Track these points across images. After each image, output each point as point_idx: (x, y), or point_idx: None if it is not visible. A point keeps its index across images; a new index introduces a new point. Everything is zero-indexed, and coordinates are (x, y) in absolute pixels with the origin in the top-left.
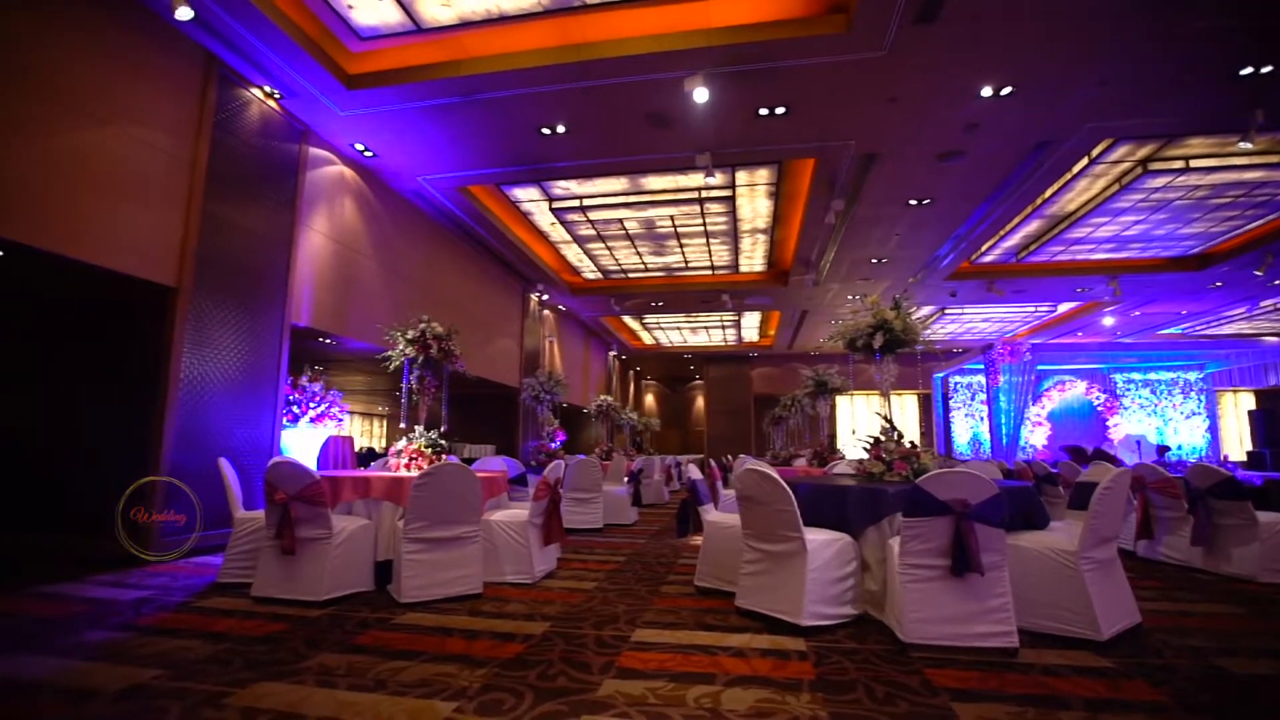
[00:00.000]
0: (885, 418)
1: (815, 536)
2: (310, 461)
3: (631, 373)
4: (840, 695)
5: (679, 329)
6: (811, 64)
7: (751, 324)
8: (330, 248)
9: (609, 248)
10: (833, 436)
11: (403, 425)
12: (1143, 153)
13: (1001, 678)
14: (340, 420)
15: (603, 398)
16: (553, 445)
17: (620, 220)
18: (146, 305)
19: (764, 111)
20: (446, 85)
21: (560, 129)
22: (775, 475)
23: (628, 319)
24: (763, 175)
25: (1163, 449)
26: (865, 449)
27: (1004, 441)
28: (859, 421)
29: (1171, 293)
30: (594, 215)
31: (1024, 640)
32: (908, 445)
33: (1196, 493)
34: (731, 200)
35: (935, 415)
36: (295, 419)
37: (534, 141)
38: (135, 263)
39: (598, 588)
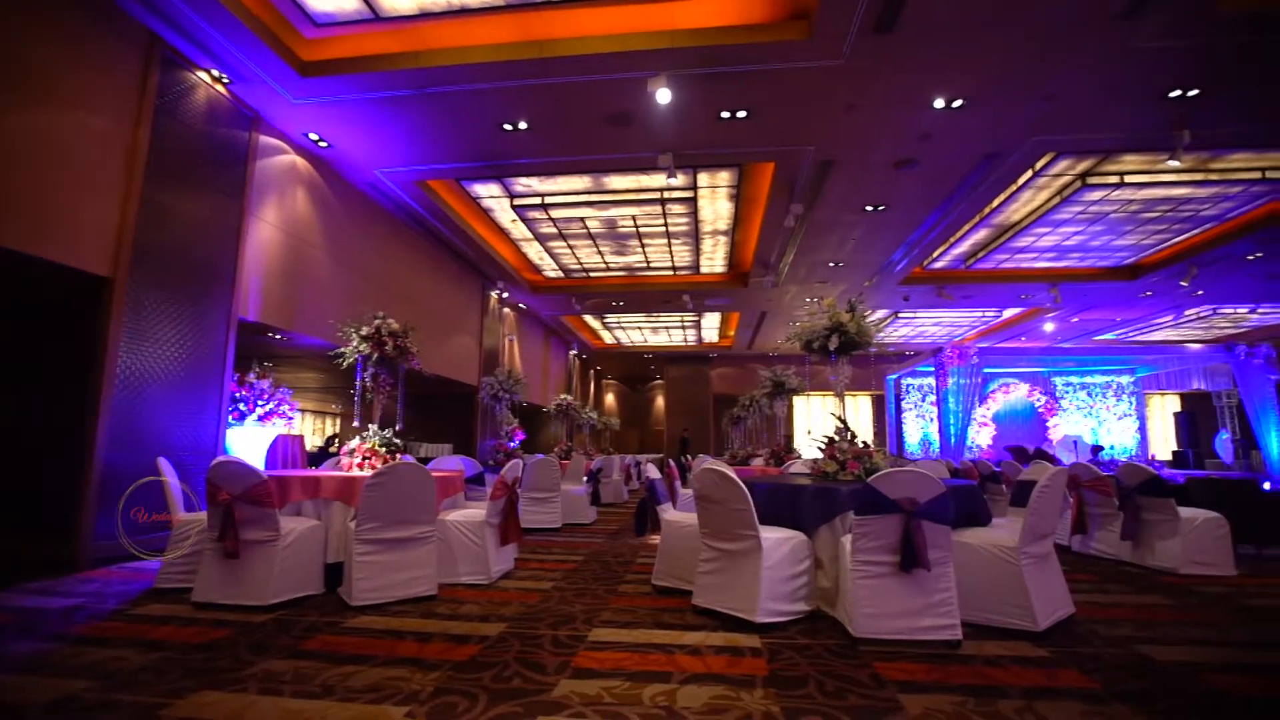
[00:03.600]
0: (839, 418)
1: (770, 535)
2: (258, 461)
3: (592, 372)
4: (792, 690)
5: (640, 329)
6: (773, 69)
7: (712, 324)
8: (281, 239)
9: (570, 246)
10: (789, 436)
11: (356, 424)
12: (1082, 167)
13: (946, 669)
14: (290, 418)
15: (562, 397)
16: (511, 444)
17: (582, 219)
18: (80, 296)
19: (726, 114)
20: (405, 76)
21: (522, 125)
22: (732, 475)
23: (589, 318)
24: (724, 178)
25: (1096, 449)
26: (820, 449)
27: (952, 441)
28: (815, 421)
29: (1106, 301)
30: (556, 213)
31: (967, 632)
32: (861, 445)
33: (1126, 490)
34: (693, 201)
35: (888, 416)
36: (242, 417)
37: (495, 137)
38: (66, 251)
39: (555, 587)
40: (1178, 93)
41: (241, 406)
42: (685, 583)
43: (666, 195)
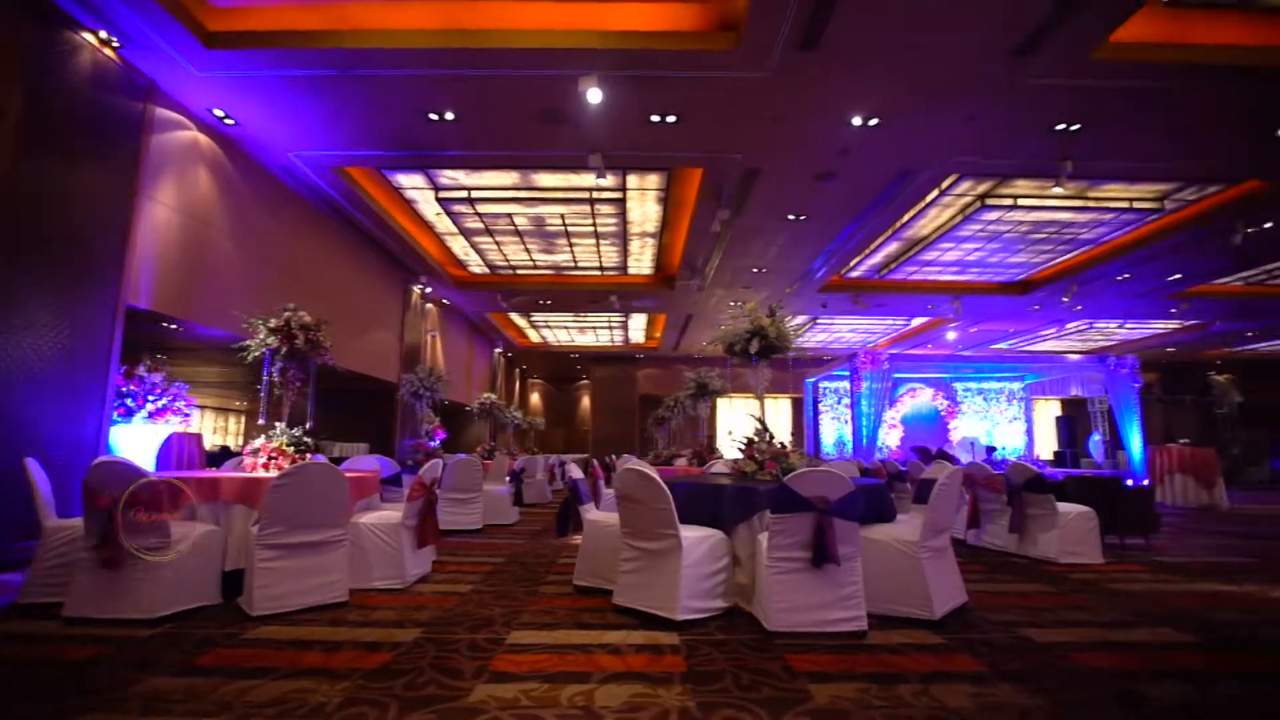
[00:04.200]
0: (759, 419)
1: (690, 534)
2: (148, 462)
3: (518, 371)
4: (708, 685)
5: (567, 328)
6: (703, 77)
7: (638, 326)
8: (179, 222)
9: (497, 242)
10: (711, 437)
11: (261, 421)
12: (981, 189)
13: (852, 659)
14: (186, 415)
15: (486, 395)
16: (431, 444)
17: (509, 215)
18: None
19: (656, 118)
20: (325, 56)
21: (448, 116)
22: (654, 474)
23: (515, 316)
24: (653, 180)
25: (990, 449)
26: (740, 449)
27: (863, 443)
28: (736, 423)
29: (1001, 313)
30: (482, 208)
31: (872, 623)
32: (778, 446)
33: (1014, 488)
34: (622, 203)
35: (806, 418)
36: (129, 413)
37: (420, 127)
38: None
39: (474, 590)
40: (1063, 126)
41: (129, 402)
42: (607, 582)
43: (595, 195)
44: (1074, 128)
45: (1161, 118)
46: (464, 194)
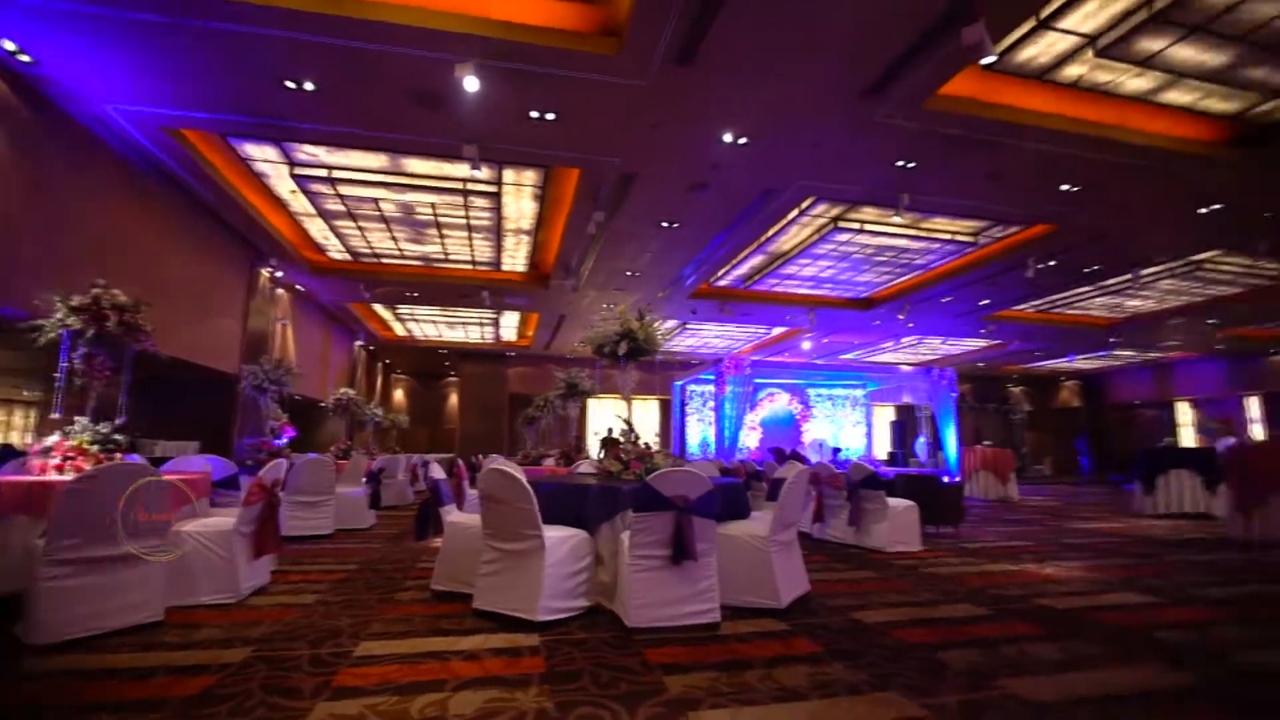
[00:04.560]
0: (626, 420)
1: (554, 534)
2: None
3: (380, 365)
4: (567, 685)
5: (435, 323)
6: (583, 79)
7: (511, 323)
8: None
9: (360, 228)
10: (580, 437)
11: (56, 415)
12: (835, 212)
13: (705, 649)
14: None
15: (344, 390)
16: (278, 442)
17: (376, 200)
18: None
19: (535, 114)
20: None
21: (309, 86)
22: (517, 474)
23: (379, 308)
24: (530, 177)
25: (836, 450)
26: (606, 449)
27: (726, 444)
28: (606, 423)
29: (849, 326)
30: (345, 190)
31: (725, 614)
32: (644, 446)
33: (853, 485)
34: (497, 197)
35: (673, 419)
36: None
37: (274, 93)
38: None
39: (320, 601)
40: (901, 163)
41: None
42: (467, 586)
43: (470, 187)
44: (910, 165)
45: (976, 165)
46: (324, 173)
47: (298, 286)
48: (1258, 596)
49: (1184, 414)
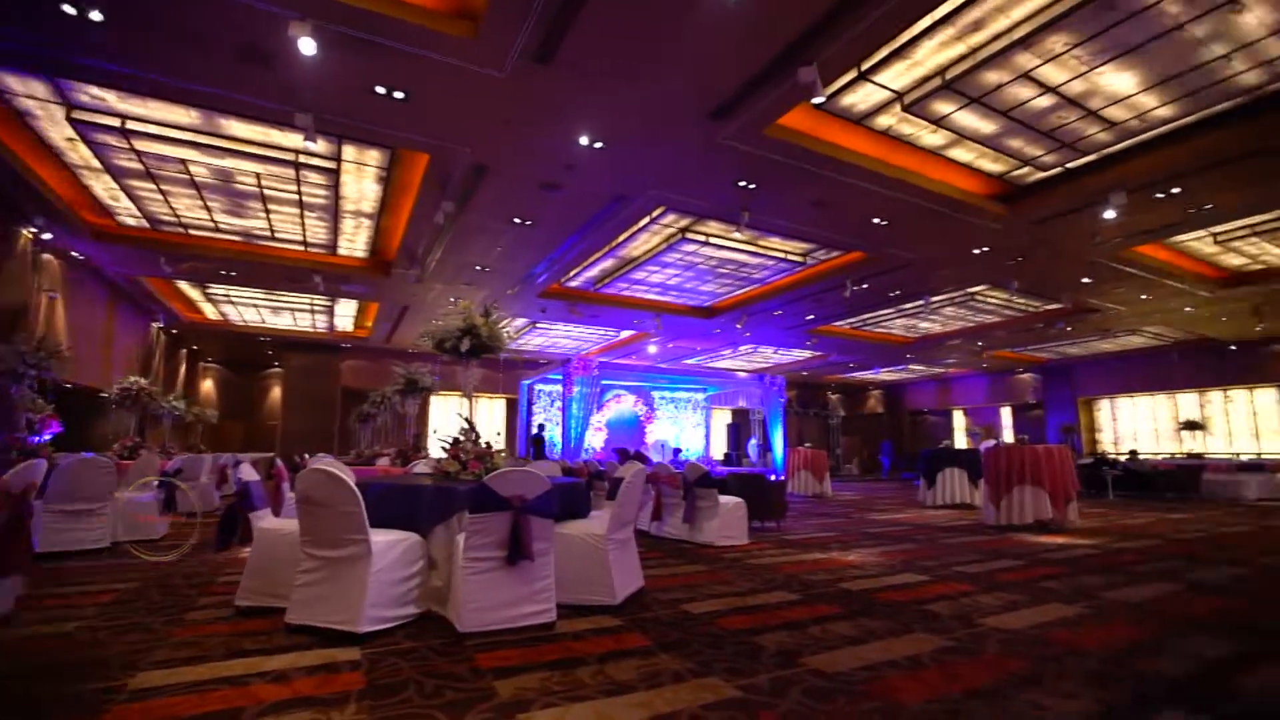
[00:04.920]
0: (466, 419)
1: (382, 538)
2: None
3: (185, 352)
4: (389, 699)
5: (257, 306)
6: (436, 60)
7: (347, 312)
8: None
9: (163, 191)
10: (419, 435)
11: None
12: (683, 223)
13: (539, 650)
14: None
15: (132, 379)
16: (37, 439)
17: (184, 161)
18: None
19: (381, 90)
20: None
21: (95, 15)
22: (342, 474)
23: (185, 285)
24: (374, 157)
25: (677, 451)
26: (444, 448)
27: (571, 444)
28: (448, 422)
29: (692, 333)
30: (143, 145)
31: (562, 613)
32: (484, 446)
33: (688, 484)
34: (335, 174)
35: (520, 419)
36: None
37: (46, 15)
38: None
39: (85, 627)
40: (744, 183)
41: None
42: (281, 599)
43: (304, 160)
44: (751, 186)
45: (806, 192)
46: (115, 121)
47: (74, 253)
48: (1003, 569)
49: (959, 420)
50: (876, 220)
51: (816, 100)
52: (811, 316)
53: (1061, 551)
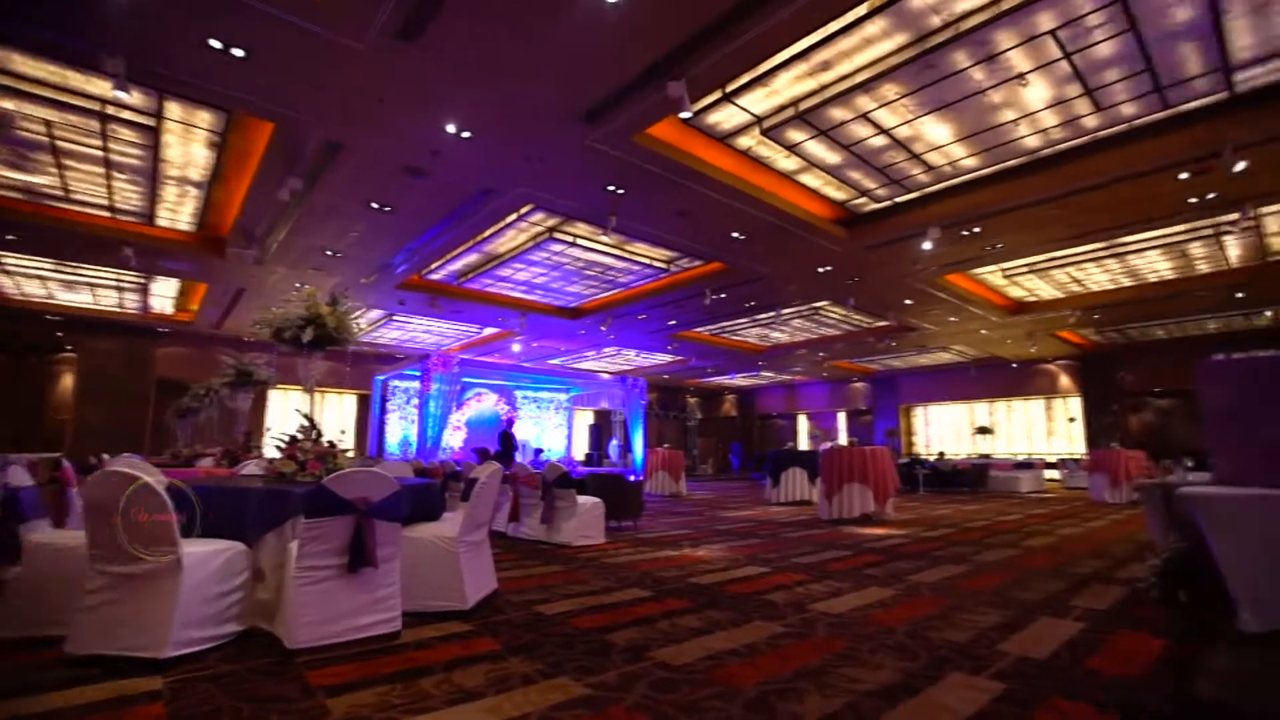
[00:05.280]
0: (306, 415)
1: (198, 549)
2: None
3: None
4: None
5: (43, 277)
6: (284, 19)
7: (166, 292)
8: None
9: None
10: (250, 433)
11: None
12: (551, 222)
13: (380, 662)
14: None
15: None
16: None
17: None
18: None
19: (216, 44)
20: None
21: None
22: (151, 476)
23: None
24: (205, 118)
25: (539, 451)
26: (279, 448)
27: (428, 444)
28: (290, 419)
29: (557, 333)
30: None
31: (408, 621)
32: (326, 445)
33: (547, 484)
34: (155, 133)
35: (372, 416)
36: None
37: None
38: None
39: None
40: (612, 188)
41: None
42: (59, 626)
43: (113, 112)
44: (620, 191)
45: (671, 201)
46: None
47: None
48: (833, 559)
49: (803, 424)
50: (735, 234)
51: (684, 114)
52: (673, 322)
53: (881, 541)
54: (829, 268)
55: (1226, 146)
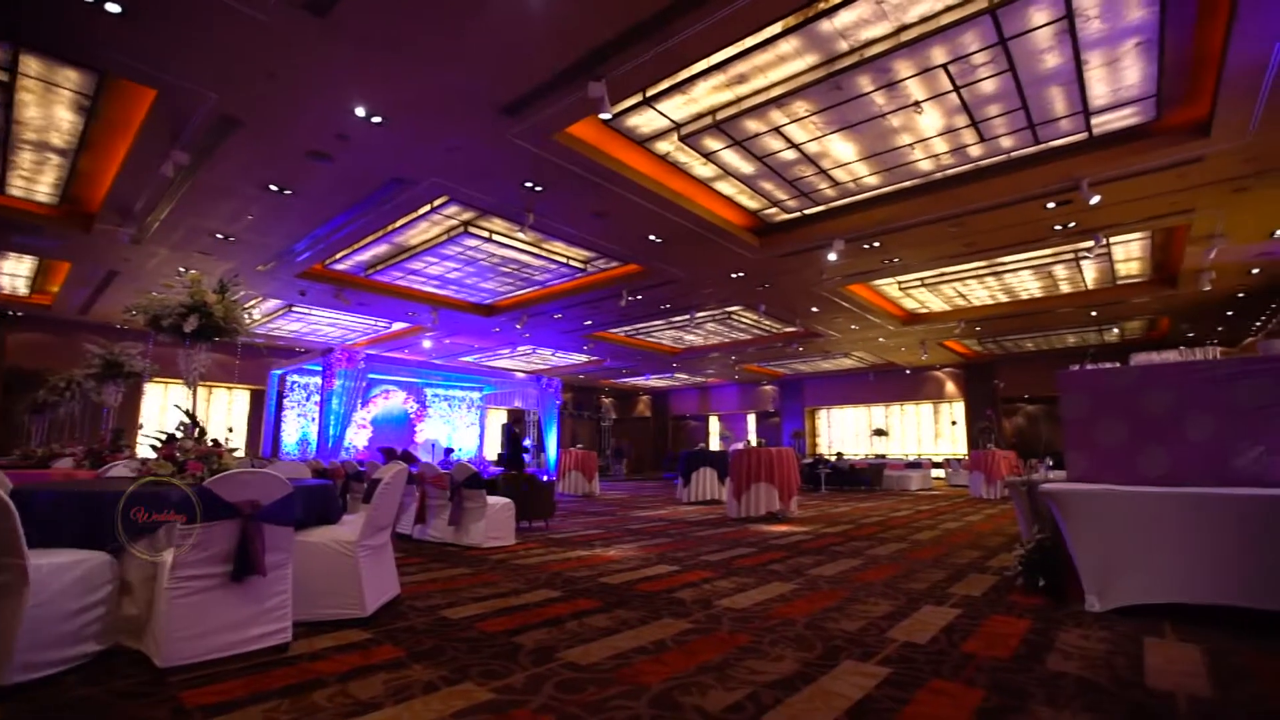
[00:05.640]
0: (187, 411)
1: (50, 560)
2: None
3: None
4: None
5: None
6: None
7: (18, 270)
8: None
9: None
10: (121, 431)
11: None
12: (466, 216)
13: (268, 676)
14: None
15: None
16: None
17: None
18: None
19: None
20: None
21: None
22: None
23: None
24: (71, 78)
25: (449, 451)
26: (155, 447)
27: (329, 443)
28: (170, 415)
29: (470, 330)
30: None
31: (301, 631)
32: (210, 444)
33: (455, 485)
34: (7, 90)
35: (267, 413)
36: None
37: None
38: None
39: None
40: (530, 184)
41: None
42: None
43: None
44: (538, 188)
45: (589, 201)
46: None
47: None
48: (739, 556)
49: (715, 426)
50: (653, 237)
51: (604, 115)
52: (590, 322)
53: (785, 538)
54: (742, 274)
55: (1084, 181)
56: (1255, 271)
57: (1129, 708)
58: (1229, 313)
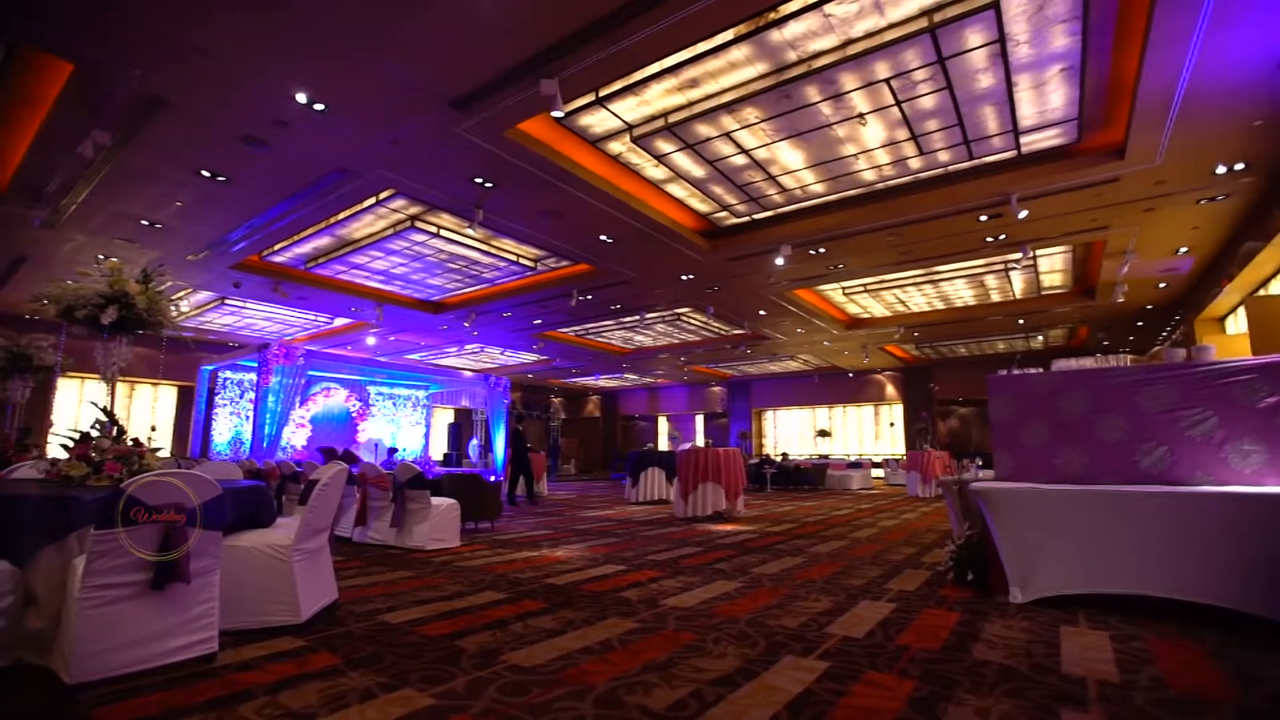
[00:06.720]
0: (105, 409)
1: None
2: None
3: None
4: None
5: None
6: None
7: None
8: None
9: None
10: (28, 430)
11: None
12: (413, 210)
13: (192, 690)
14: None
15: None
16: None
17: None
18: None
19: None
20: None
21: None
22: None
23: None
24: None
25: (392, 450)
26: (67, 447)
27: (265, 442)
28: (87, 413)
29: (416, 327)
30: None
31: (229, 640)
32: (130, 443)
33: (398, 485)
34: None
35: (196, 411)
36: None
37: None
38: None
39: None
40: (480, 180)
41: None
42: None
43: None
44: (488, 185)
45: (540, 200)
46: None
47: None
48: (686, 555)
49: (664, 426)
50: (604, 237)
51: (556, 113)
52: (539, 321)
53: (731, 537)
54: (691, 276)
55: (1014, 196)
56: (1162, 286)
57: (1046, 693)
58: (1139, 323)
